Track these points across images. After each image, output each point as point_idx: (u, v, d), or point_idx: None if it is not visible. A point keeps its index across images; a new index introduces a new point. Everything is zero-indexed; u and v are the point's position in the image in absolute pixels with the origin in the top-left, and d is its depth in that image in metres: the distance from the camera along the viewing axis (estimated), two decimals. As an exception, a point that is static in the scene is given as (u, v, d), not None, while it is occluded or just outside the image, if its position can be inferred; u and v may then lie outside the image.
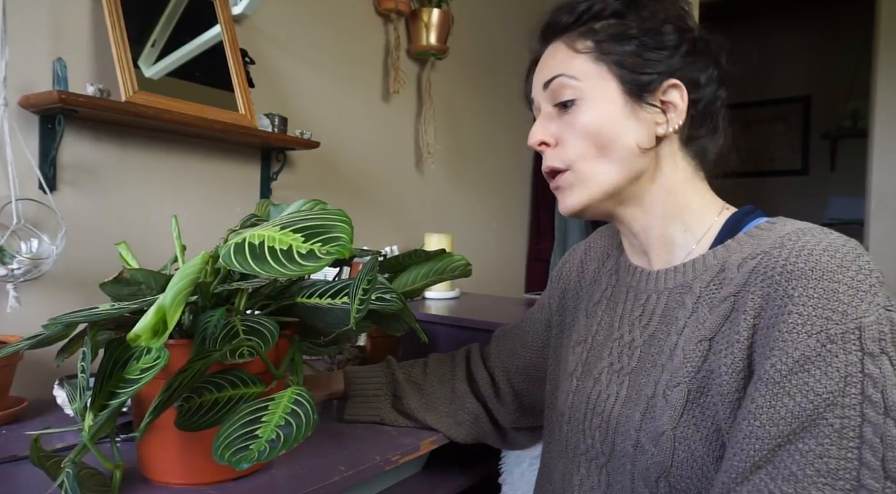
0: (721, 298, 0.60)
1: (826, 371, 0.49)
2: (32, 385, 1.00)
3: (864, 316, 0.49)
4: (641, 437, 0.61)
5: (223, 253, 0.53)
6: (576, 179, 0.68)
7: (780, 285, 0.53)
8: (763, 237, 0.60)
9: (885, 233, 2.60)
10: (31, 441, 0.58)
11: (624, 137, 0.65)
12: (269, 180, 1.50)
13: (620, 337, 0.71)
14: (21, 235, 1.02)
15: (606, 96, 0.66)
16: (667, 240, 0.69)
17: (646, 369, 0.65)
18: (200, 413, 0.59)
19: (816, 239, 0.55)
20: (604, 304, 0.77)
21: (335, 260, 0.52)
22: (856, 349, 0.48)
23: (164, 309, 0.47)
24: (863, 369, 0.48)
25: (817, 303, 0.50)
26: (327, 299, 0.68)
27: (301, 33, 1.61)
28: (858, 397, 0.48)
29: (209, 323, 0.62)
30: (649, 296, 0.69)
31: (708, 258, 0.64)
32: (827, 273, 0.51)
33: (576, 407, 0.72)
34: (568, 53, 0.68)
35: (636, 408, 0.63)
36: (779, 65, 4.30)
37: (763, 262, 0.56)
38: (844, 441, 0.47)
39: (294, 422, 0.55)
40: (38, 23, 1.08)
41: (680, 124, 0.66)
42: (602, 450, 0.67)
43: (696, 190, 0.70)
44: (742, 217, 0.67)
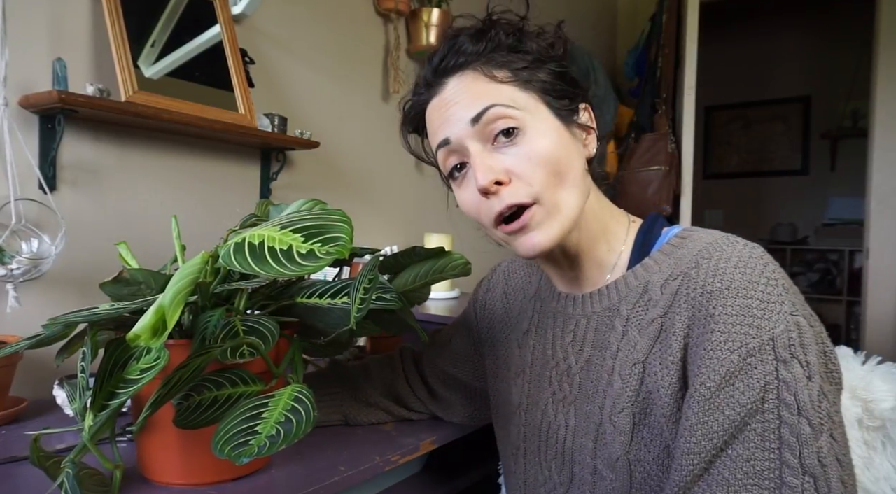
0: (648, 320, 0.61)
1: (748, 382, 0.52)
2: (32, 385, 1.00)
3: (775, 327, 0.53)
4: (598, 464, 0.63)
5: (223, 253, 0.53)
6: (545, 213, 0.62)
7: (703, 305, 0.56)
8: (678, 256, 0.62)
9: (885, 233, 2.60)
10: (31, 441, 0.58)
11: (574, 161, 0.64)
12: (269, 180, 1.50)
13: (556, 365, 0.71)
14: (21, 235, 1.02)
15: (546, 122, 0.63)
16: (599, 261, 0.69)
17: (588, 396, 0.66)
18: (199, 411, 0.59)
19: (726, 254, 0.57)
20: (533, 332, 0.77)
21: (335, 260, 0.52)
22: (771, 358, 0.52)
23: (164, 309, 0.47)
24: (778, 376, 0.52)
25: (735, 320, 0.54)
26: (327, 299, 0.68)
27: (301, 33, 1.61)
28: (775, 401, 0.52)
29: (209, 323, 0.62)
30: (578, 321, 0.69)
31: (629, 279, 0.65)
32: (741, 290, 0.55)
33: (529, 440, 0.73)
34: (489, 83, 0.62)
35: (588, 437, 0.64)
36: (779, 65, 4.30)
37: (685, 284, 0.59)
38: (766, 443, 0.51)
39: (294, 419, 0.55)
40: (37, 23, 1.08)
41: (596, 144, 0.68)
42: (560, 480, 0.68)
43: (606, 204, 0.70)
44: (650, 228, 0.68)
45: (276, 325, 0.63)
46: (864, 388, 0.86)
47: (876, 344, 2.56)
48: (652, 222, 0.69)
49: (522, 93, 0.63)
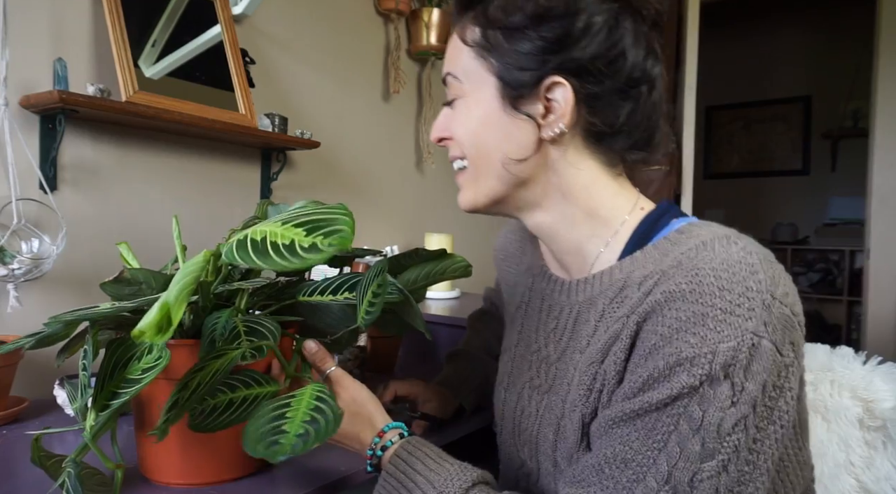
0: (616, 318, 0.57)
1: (663, 388, 0.50)
2: (33, 385, 1.00)
3: (722, 342, 0.48)
4: (558, 457, 0.62)
5: (226, 249, 0.53)
6: (466, 179, 0.65)
7: (659, 306, 0.52)
8: (668, 251, 0.56)
9: (885, 233, 2.60)
10: (32, 440, 0.58)
11: (493, 150, 0.61)
12: (270, 180, 1.50)
13: (538, 351, 0.70)
14: (21, 235, 1.02)
15: (482, 98, 0.61)
16: (576, 246, 0.65)
17: (556, 388, 0.64)
18: (216, 414, 0.59)
19: (713, 256, 0.52)
20: (523, 310, 0.75)
21: (336, 258, 0.52)
22: (700, 373, 0.48)
23: (168, 306, 0.47)
24: (698, 388, 0.48)
25: (681, 327, 0.50)
26: (328, 295, 0.68)
27: (301, 33, 1.61)
28: (681, 409, 0.49)
29: (217, 325, 0.62)
30: (562, 309, 0.67)
31: (614, 272, 0.61)
32: (704, 296, 0.49)
33: (506, 419, 0.73)
34: (459, 46, 0.63)
35: (550, 428, 0.63)
36: (779, 65, 4.30)
37: (659, 283, 0.53)
38: (650, 441, 0.49)
39: (320, 418, 0.56)
40: (38, 23, 1.08)
41: (564, 125, 0.59)
42: (532, 467, 0.68)
43: (606, 187, 0.63)
44: (657, 218, 0.62)
45: (277, 325, 0.63)
46: (864, 388, 0.86)
47: (876, 344, 2.56)
48: (661, 212, 0.63)
49: (477, 62, 0.61)
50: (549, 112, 0.59)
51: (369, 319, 0.62)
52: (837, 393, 0.88)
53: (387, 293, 0.66)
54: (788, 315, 0.50)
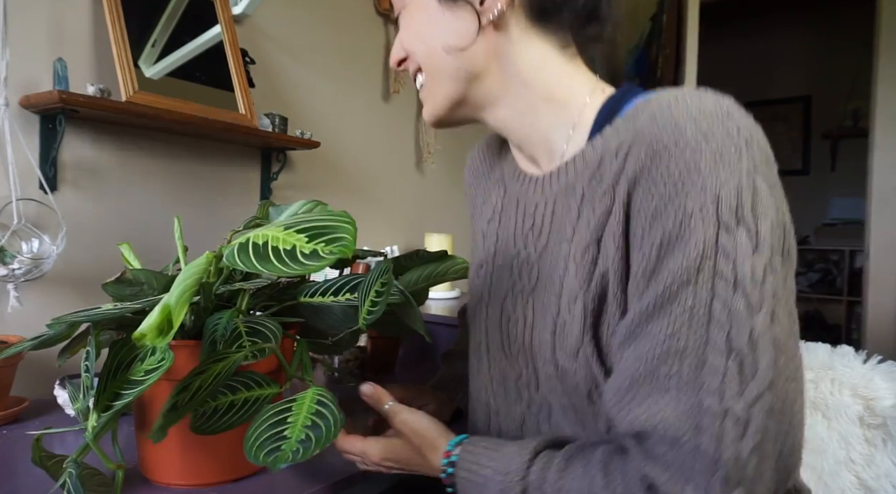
0: (601, 193, 0.54)
1: (684, 249, 0.46)
2: (33, 385, 1.00)
3: (723, 186, 0.46)
4: (559, 358, 0.58)
5: (227, 252, 0.53)
6: (426, 93, 0.65)
7: (646, 166, 0.49)
8: (639, 117, 0.53)
9: (885, 233, 2.60)
10: (33, 441, 0.58)
11: (436, 45, 0.61)
12: (270, 180, 1.50)
13: (517, 254, 0.66)
14: (22, 235, 1.02)
15: (419, 2, 0.62)
16: (543, 136, 0.63)
17: (545, 286, 0.61)
18: (217, 416, 0.59)
19: (687, 106, 0.49)
20: (497, 221, 0.72)
21: (338, 260, 0.52)
22: (712, 221, 0.46)
23: (170, 308, 0.47)
24: (717, 242, 0.46)
25: (677, 180, 0.47)
26: (330, 297, 0.68)
27: (301, 33, 1.61)
28: (710, 272, 0.46)
29: (218, 326, 0.62)
30: (537, 205, 0.64)
31: (587, 152, 0.58)
32: (690, 144, 0.47)
33: (492, 335, 0.68)
34: None
35: (546, 330, 0.59)
36: (779, 65, 4.30)
37: (636, 143, 0.51)
38: (694, 318, 0.46)
39: (322, 423, 0.56)
40: (38, 23, 1.08)
41: (501, 8, 0.58)
42: (532, 377, 0.63)
43: (560, 69, 0.61)
44: (620, 97, 0.59)
45: (278, 326, 0.63)
46: (864, 387, 0.87)
47: (876, 344, 2.56)
48: (625, 90, 0.60)
49: None
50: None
51: (371, 319, 0.62)
52: (838, 391, 0.88)
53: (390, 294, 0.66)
54: (768, 157, 0.50)
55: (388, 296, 0.63)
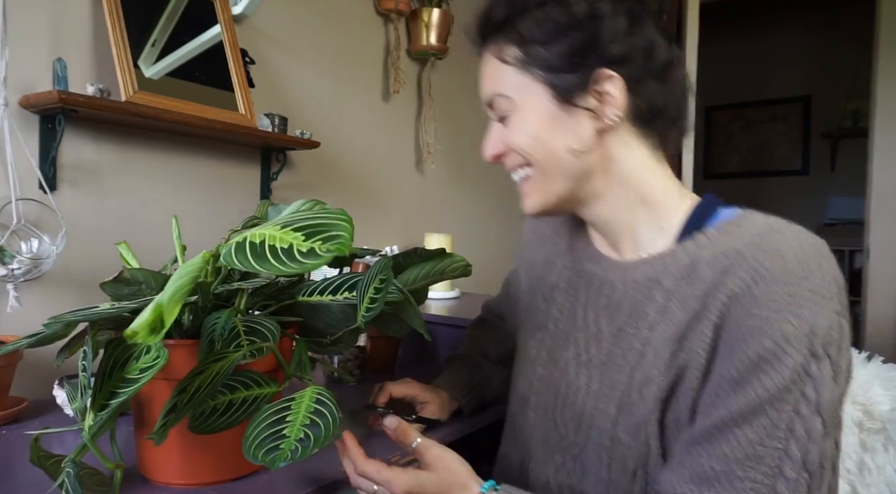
0: (693, 296, 0.60)
1: (777, 369, 0.52)
2: (32, 385, 1.00)
3: (818, 322, 0.52)
4: (618, 431, 0.63)
5: (224, 251, 0.53)
6: (532, 186, 0.68)
7: (749, 286, 0.55)
8: (734, 234, 0.60)
9: (885, 233, 2.60)
10: (31, 440, 0.58)
11: (558, 147, 0.65)
12: (270, 180, 1.50)
13: (586, 328, 0.71)
14: (21, 235, 1.02)
15: (536, 107, 0.65)
16: (633, 230, 0.68)
17: (616, 363, 0.65)
18: (216, 415, 0.59)
19: (787, 240, 0.57)
20: (562, 288, 0.77)
21: (335, 259, 0.52)
22: (806, 351, 0.52)
23: (162, 307, 0.47)
24: (807, 370, 0.52)
25: (779, 307, 0.53)
26: (328, 295, 0.68)
27: (301, 33, 1.61)
28: (798, 394, 0.52)
29: (216, 325, 0.62)
30: (615, 287, 0.69)
31: (678, 253, 0.64)
32: (793, 277, 0.54)
33: (542, 394, 0.73)
34: (497, 67, 0.67)
35: (610, 402, 0.64)
36: (779, 65, 4.30)
37: (737, 262, 0.57)
38: (777, 431, 0.52)
39: (321, 422, 0.56)
40: (38, 23, 1.08)
41: (620, 114, 0.63)
42: (576, 441, 0.68)
43: (654, 172, 0.68)
44: (707, 206, 0.66)
45: (276, 325, 0.63)
46: (863, 392, 0.87)
47: (876, 344, 2.56)
48: (710, 201, 0.67)
49: (522, 75, 0.65)
50: (602, 103, 0.64)
51: (370, 317, 0.62)
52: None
53: (388, 291, 0.66)
54: (846, 297, 0.56)
55: (386, 294, 0.63)
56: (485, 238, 2.39)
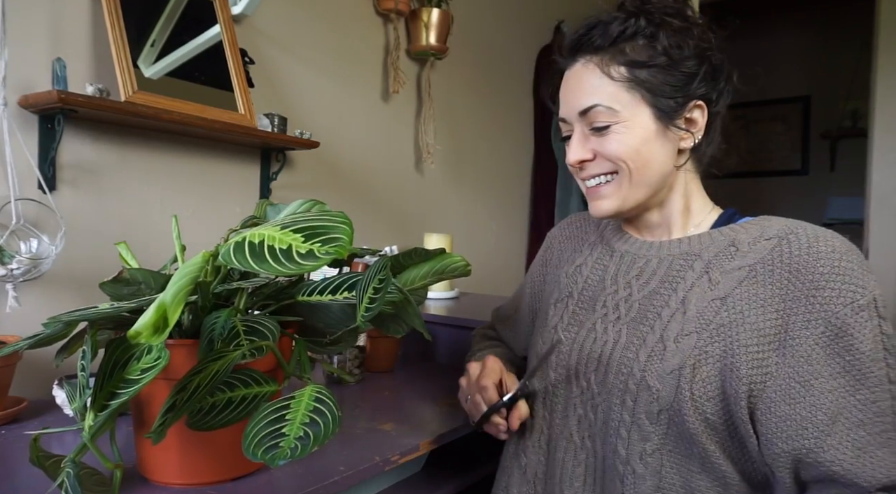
0: (735, 266, 0.69)
1: (864, 333, 0.61)
2: (32, 385, 1.00)
3: (874, 290, 0.63)
4: (647, 376, 0.68)
5: (223, 251, 0.53)
6: (616, 188, 0.75)
7: (809, 263, 0.64)
8: (765, 225, 0.71)
9: (884, 233, 2.60)
10: (31, 440, 0.58)
11: (655, 160, 0.73)
12: (269, 180, 1.50)
13: (615, 292, 0.78)
14: (20, 235, 1.02)
15: (640, 123, 0.72)
16: (668, 226, 0.79)
17: (647, 318, 0.72)
18: (214, 412, 0.58)
19: (817, 230, 0.68)
20: (589, 265, 0.84)
21: (334, 260, 0.52)
22: (875, 315, 0.62)
23: (165, 307, 0.47)
24: (881, 329, 0.61)
25: (844, 279, 0.62)
26: (328, 295, 0.68)
27: (301, 33, 1.61)
28: (884, 351, 0.61)
29: (216, 325, 0.62)
30: (648, 260, 0.78)
31: (714, 234, 0.74)
32: (845, 254, 0.64)
33: (562, 354, 0.78)
34: (602, 79, 0.72)
35: (640, 351, 0.70)
36: (779, 65, 4.30)
37: (782, 244, 0.67)
38: (883, 386, 0.61)
39: (320, 420, 0.56)
40: (37, 23, 1.08)
41: (700, 137, 0.74)
42: (598, 391, 0.73)
43: (698, 189, 0.80)
44: (731, 214, 0.78)
45: (276, 325, 0.63)
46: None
47: (875, 344, 2.55)
48: (732, 212, 0.79)
49: (628, 93, 0.72)
50: (689, 126, 0.74)
51: (368, 316, 0.62)
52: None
53: (387, 291, 0.66)
54: None
55: (385, 294, 0.63)
56: (484, 238, 2.39)
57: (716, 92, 0.75)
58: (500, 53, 2.41)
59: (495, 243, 2.44)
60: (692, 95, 0.73)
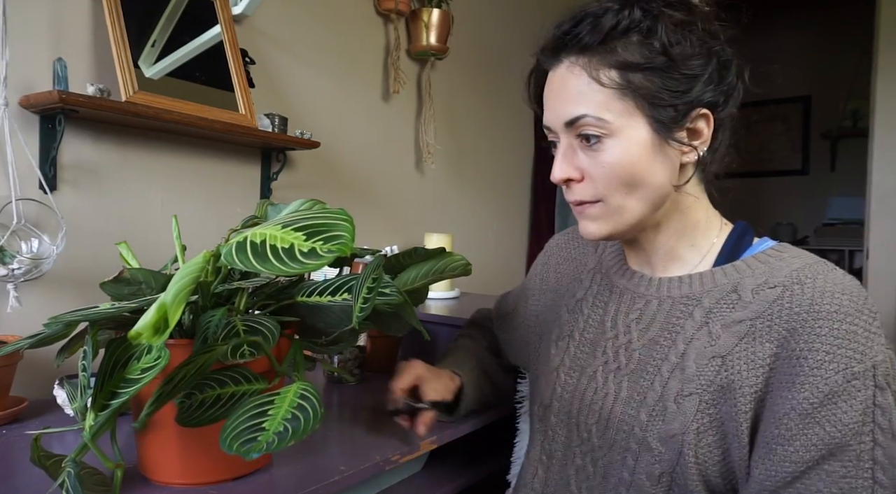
0: (735, 319, 0.63)
1: (851, 404, 0.56)
2: (32, 385, 1.00)
3: (876, 356, 0.56)
4: (648, 437, 0.65)
5: (225, 251, 0.53)
6: (604, 212, 0.67)
7: (808, 322, 0.58)
8: (774, 266, 0.64)
9: (885, 233, 2.60)
10: (32, 440, 0.58)
11: (652, 175, 0.64)
12: (270, 180, 1.50)
13: (615, 337, 0.72)
14: (21, 235, 1.02)
15: (634, 135, 0.63)
16: (673, 255, 0.71)
17: (648, 372, 0.67)
18: (202, 409, 0.59)
19: (829, 278, 0.60)
20: (590, 301, 0.79)
21: (336, 259, 0.52)
22: (871, 384, 0.56)
23: (166, 307, 0.47)
24: (874, 401, 0.56)
25: (842, 343, 0.56)
26: (327, 297, 0.68)
27: (301, 33, 1.61)
28: (872, 425, 0.56)
29: (210, 323, 0.62)
30: (648, 301, 0.71)
31: (717, 275, 0.67)
32: (849, 315, 0.57)
33: (565, 400, 0.75)
34: (591, 86, 0.63)
35: (641, 409, 0.66)
36: (779, 65, 4.30)
37: (786, 296, 0.60)
38: (861, 463, 0.55)
39: (301, 416, 0.56)
40: (38, 23, 1.08)
41: (705, 150, 0.66)
42: (600, 444, 0.70)
43: (702, 206, 0.71)
44: (741, 235, 0.70)
45: (276, 325, 0.63)
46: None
47: (876, 344, 2.55)
48: (743, 230, 0.71)
49: (620, 101, 0.62)
50: (692, 138, 0.65)
51: (362, 316, 0.62)
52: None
53: (380, 290, 0.66)
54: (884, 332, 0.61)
55: (377, 294, 0.63)
56: (485, 238, 2.39)
57: (723, 95, 0.65)
58: (500, 53, 2.41)
59: (496, 243, 2.44)
60: (695, 102, 0.63)
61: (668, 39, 0.62)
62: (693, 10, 0.64)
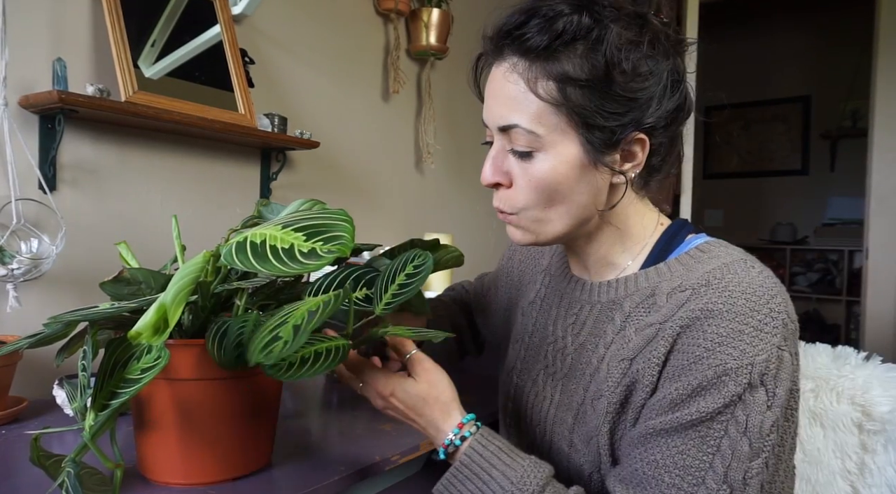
0: (647, 323, 0.64)
1: (715, 397, 0.56)
2: (32, 385, 1.00)
3: (758, 355, 0.56)
4: (574, 438, 0.68)
5: (224, 251, 0.53)
6: (525, 222, 0.67)
7: (699, 321, 0.59)
8: (692, 267, 0.64)
9: (884, 233, 2.60)
10: (31, 440, 0.58)
11: (577, 195, 0.63)
12: (269, 180, 1.50)
13: (555, 342, 0.75)
14: (21, 235, 1.02)
15: (564, 151, 0.61)
16: (606, 261, 0.71)
17: (575, 376, 0.70)
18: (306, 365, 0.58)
19: (738, 278, 0.60)
20: (538, 305, 0.81)
21: (336, 258, 0.52)
22: (744, 381, 0.56)
23: (166, 307, 0.47)
24: (741, 397, 0.56)
25: (723, 341, 0.57)
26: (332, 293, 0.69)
27: (301, 33, 1.61)
28: (729, 416, 0.56)
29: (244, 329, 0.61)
30: (582, 306, 0.73)
31: (640, 279, 0.68)
32: (739, 315, 0.57)
33: (516, 402, 0.79)
34: (527, 96, 0.60)
35: (568, 412, 0.70)
36: (779, 65, 4.30)
37: (692, 299, 0.61)
38: (704, 446, 0.56)
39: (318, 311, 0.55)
40: (38, 23, 1.08)
41: (637, 173, 0.65)
42: (540, 447, 0.73)
43: (638, 211, 0.70)
44: (675, 233, 0.70)
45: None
46: (863, 394, 0.87)
47: (875, 344, 2.56)
48: (678, 228, 0.70)
49: (555, 115, 0.60)
50: (624, 161, 0.64)
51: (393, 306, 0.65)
52: (836, 401, 0.89)
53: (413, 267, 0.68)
54: (795, 329, 0.60)
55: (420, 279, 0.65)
56: (484, 237, 2.39)
57: (665, 118, 0.62)
58: (500, 53, 2.41)
59: (495, 242, 2.44)
60: (632, 125, 0.61)
61: (613, 57, 0.59)
62: (645, 26, 0.61)
